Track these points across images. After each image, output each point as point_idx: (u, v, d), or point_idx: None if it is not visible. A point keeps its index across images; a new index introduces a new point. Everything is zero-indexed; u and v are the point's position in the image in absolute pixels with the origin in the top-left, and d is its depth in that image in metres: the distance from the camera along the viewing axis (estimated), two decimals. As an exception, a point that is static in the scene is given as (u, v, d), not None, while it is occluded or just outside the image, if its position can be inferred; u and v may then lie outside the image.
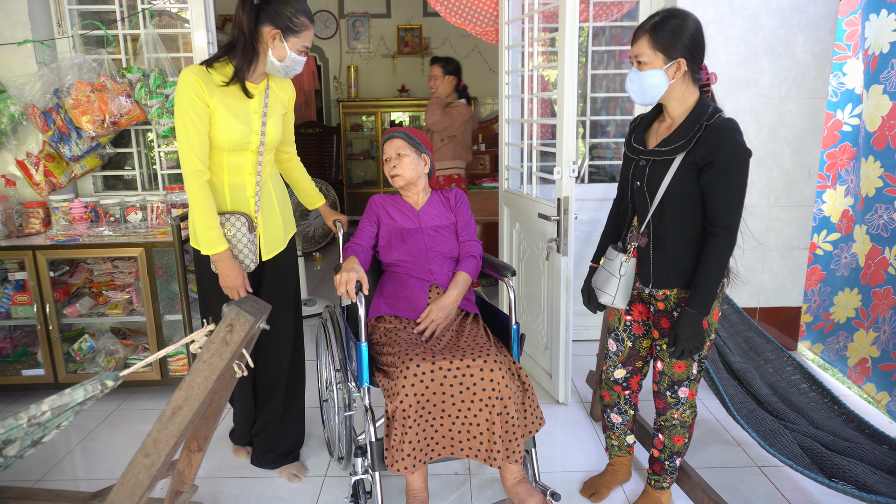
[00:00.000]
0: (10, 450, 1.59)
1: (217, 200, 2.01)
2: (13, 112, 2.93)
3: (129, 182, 3.41)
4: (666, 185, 1.77)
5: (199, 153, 1.91)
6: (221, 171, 2.01)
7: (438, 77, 3.91)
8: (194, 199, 1.92)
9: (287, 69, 1.96)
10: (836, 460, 1.98)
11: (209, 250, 1.96)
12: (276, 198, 2.15)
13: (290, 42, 1.91)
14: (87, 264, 3.08)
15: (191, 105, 1.88)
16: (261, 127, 2.02)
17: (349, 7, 7.10)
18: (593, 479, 2.26)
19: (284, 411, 2.32)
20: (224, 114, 1.92)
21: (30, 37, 2.95)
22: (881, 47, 2.88)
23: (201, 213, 1.93)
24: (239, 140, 1.97)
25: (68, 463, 2.49)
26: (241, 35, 1.89)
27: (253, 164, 2.04)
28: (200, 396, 1.42)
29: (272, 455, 2.33)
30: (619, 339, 2.06)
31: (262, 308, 1.50)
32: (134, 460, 1.42)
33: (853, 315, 3.16)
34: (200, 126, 1.89)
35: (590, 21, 3.25)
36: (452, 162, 3.95)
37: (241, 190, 2.04)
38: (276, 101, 2.07)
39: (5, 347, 3.08)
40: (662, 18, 1.73)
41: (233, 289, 2.01)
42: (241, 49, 1.91)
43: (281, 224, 2.17)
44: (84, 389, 1.52)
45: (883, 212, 2.94)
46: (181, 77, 1.89)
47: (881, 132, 2.91)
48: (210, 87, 1.90)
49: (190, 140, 1.89)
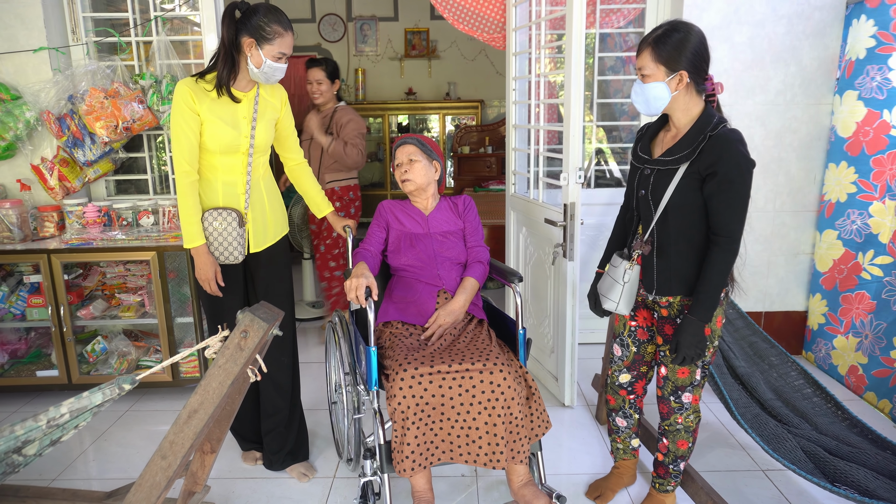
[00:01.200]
0: (29, 449, 1.64)
1: (211, 196, 2.18)
2: (29, 118, 2.98)
3: (141, 186, 3.46)
4: (670, 194, 1.80)
5: (188, 157, 2.09)
6: (215, 171, 2.17)
7: (324, 82, 3.41)
8: (180, 196, 2.11)
9: (266, 75, 2.10)
10: (839, 465, 2.00)
11: (188, 244, 2.13)
12: (266, 197, 2.29)
13: (265, 49, 2.05)
14: (100, 267, 3.13)
15: (181, 114, 2.06)
16: (250, 131, 2.16)
17: (357, 10, 7.15)
18: (598, 482, 2.28)
19: (291, 408, 2.40)
20: (213, 120, 2.09)
21: (45, 44, 3.01)
22: (857, 53, 2.91)
23: (185, 209, 2.11)
24: (229, 143, 2.12)
25: (82, 463, 2.54)
26: (221, 46, 2.07)
27: (244, 164, 2.19)
28: (215, 400, 1.46)
29: (282, 454, 2.40)
30: (623, 344, 2.09)
31: (276, 315, 1.54)
32: (151, 462, 1.47)
33: (824, 322, 3.18)
34: (189, 133, 2.07)
35: (596, 27, 3.28)
36: (349, 173, 3.59)
37: (233, 187, 2.19)
38: (266, 107, 2.22)
39: (20, 349, 3.14)
40: (665, 32, 1.75)
41: (205, 280, 2.18)
42: (221, 58, 2.08)
43: (270, 221, 2.31)
44: (102, 393, 1.57)
45: (856, 217, 2.97)
46: (175, 90, 2.08)
47: (855, 138, 2.97)
48: (200, 97, 2.08)
49: (180, 145, 2.07)
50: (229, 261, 2.20)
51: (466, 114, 7.38)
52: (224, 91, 2.09)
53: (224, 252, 2.18)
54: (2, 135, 2.95)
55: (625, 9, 3.29)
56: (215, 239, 2.16)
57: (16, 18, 2.99)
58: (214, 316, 2.31)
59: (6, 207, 2.90)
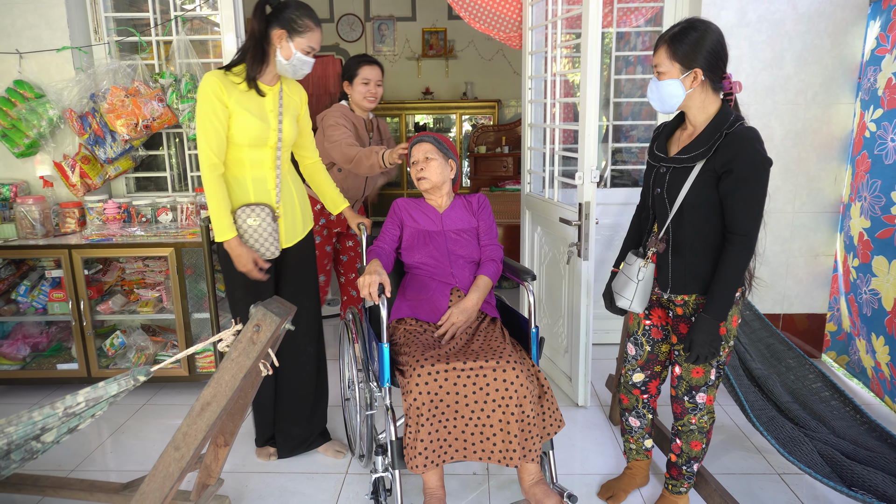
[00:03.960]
0: (47, 436, 1.67)
1: (241, 193, 2.17)
2: (52, 116, 3.04)
3: (160, 183, 3.51)
4: (685, 192, 1.79)
5: (216, 149, 2.08)
6: (244, 167, 2.16)
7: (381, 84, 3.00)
8: (209, 190, 2.09)
9: (295, 68, 2.13)
10: (856, 469, 1.97)
11: (220, 237, 2.12)
12: (294, 191, 2.30)
13: (296, 42, 2.09)
14: (119, 263, 3.18)
15: (210, 105, 2.05)
16: (277, 125, 2.18)
17: (375, 10, 7.18)
18: (611, 483, 2.27)
19: (317, 394, 2.48)
20: (242, 112, 2.09)
21: (68, 43, 3.07)
22: (865, 54, 2.90)
23: (215, 203, 2.09)
24: (257, 135, 2.13)
25: (100, 454, 2.58)
26: (251, 38, 2.09)
27: (272, 159, 2.20)
28: (228, 393, 1.48)
29: (313, 436, 2.50)
30: (638, 343, 2.07)
31: (288, 309, 1.55)
32: (165, 453, 1.49)
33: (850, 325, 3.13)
34: (218, 125, 2.06)
35: (613, 26, 3.26)
36: None
37: (263, 183, 2.20)
38: (289, 103, 2.24)
39: (42, 342, 3.20)
40: (682, 29, 1.74)
41: (246, 270, 2.16)
42: (251, 50, 2.10)
43: (300, 215, 2.33)
44: (117, 384, 1.60)
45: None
46: (203, 80, 2.07)
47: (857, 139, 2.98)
48: (229, 89, 2.08)
49: (208, 137, 2.06)
50: (265, 257, 2.20)
51: (483, 113, 7.38)
52: (251, 83, 2.11)
53: (259, 249, 2.18)
54: (26, 132, 3.01)
55: (642, 7, 3.27)
56: (250, 236, 2.15)
57: (40, 18, 3.05)
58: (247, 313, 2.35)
59: (29, 203, 2.96)
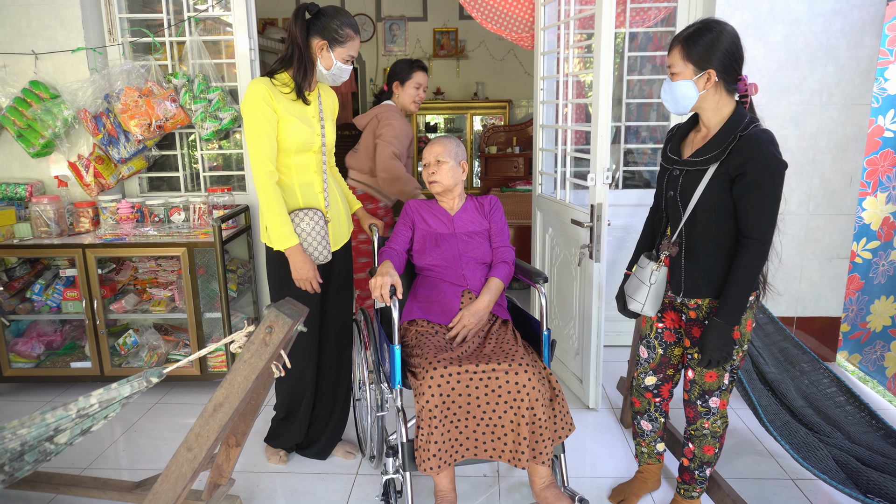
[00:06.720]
0: (61, 438, 1.69)
1: (289, 199, 2.16)
2: (66, 116, 3.06)
3: (173, 183, 3.53)
4: (698, 195, 1.77)
5: (270, 155, 2.06)
6: (290, 172, 2.16)
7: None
8: (267, 197, 2.06)
9: (334, 77, 2.14)
10: (871, 476, 1.95)
11: (282, 245, 2.09)
12: (339, 195, 2.34)
13: (336, 52, 2.08)
14: (132, 262, 3.20)
15: (261, 112, 2.03)
16: (320, 129, 2.19)
17: (386, 10, 7.19)
18: (622, 486, 2.26)
19: (346, 398, 2.52)
20: (289, 118, 2.08)
21: (83, 44, 3.09)
22: None
23: (273, 210, 2.07)
24: (304, 141, 2.13)
25: (112, 453, 2.60)
26: (296, 48, 2.06)
27: (318, 163, 2.21)
28: (240, 394, 1.48)
29: (337, 438, 2.52)
30: (650, 346, 2.06)
31: (300, 311, 1.56)
32: (177, 453, 1.49)
33: (889, 323, 3.09)
34: (270, 131, 2.05)
35: (626, 26, 3.24)
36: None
37: (310, 188, 2.20)
38: (326, 107, 2.25)
39: (55, 340, 3.23)
40: (696, 30, 1.72)
41: (305, 280, 2.14)
42: (297, 60, 2.07)
43: (345, 217, 2.36)
44: (130, 385, 1.61)
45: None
46: (250, 87, 2.05)
47: None
48: (276, 95, 2.07)
49: (261, 144, 2.04)
50: (319, 261, 2.19)
51: (494, 114, 7.37)
52: (300, 94, 2.10)
53: (314, 252, 2.17)
54: (41, 132, 3.04)
55: (655, 7, 3.24)
56: (304, 240, 2.14)
57: (55, 20, 3.08)
58: None
59: (44, 203, 2.98)
